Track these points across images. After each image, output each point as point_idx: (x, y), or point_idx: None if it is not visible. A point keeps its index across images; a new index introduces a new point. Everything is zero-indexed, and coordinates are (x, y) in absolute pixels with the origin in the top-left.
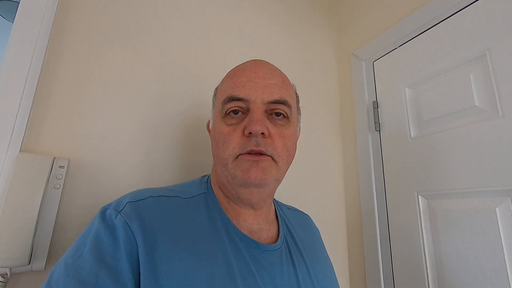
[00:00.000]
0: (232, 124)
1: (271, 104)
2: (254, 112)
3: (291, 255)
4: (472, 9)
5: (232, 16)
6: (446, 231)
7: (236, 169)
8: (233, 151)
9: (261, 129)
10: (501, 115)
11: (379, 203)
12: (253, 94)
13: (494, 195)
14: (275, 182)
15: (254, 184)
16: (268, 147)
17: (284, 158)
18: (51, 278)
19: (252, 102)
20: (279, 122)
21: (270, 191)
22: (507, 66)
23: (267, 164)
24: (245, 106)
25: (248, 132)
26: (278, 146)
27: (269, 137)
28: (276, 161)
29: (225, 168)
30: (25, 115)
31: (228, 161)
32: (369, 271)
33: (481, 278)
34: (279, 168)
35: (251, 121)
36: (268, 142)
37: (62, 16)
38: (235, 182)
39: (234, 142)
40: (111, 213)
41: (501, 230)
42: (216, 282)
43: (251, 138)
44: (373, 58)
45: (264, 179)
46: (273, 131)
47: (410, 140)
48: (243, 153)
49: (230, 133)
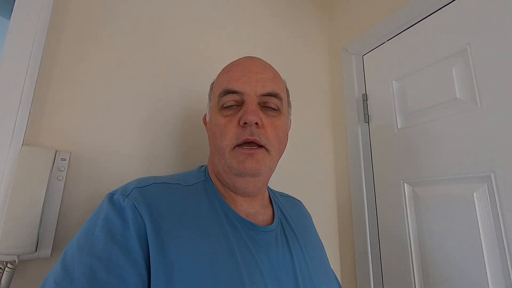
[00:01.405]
0: (228, 115)
1: (263, 96)
2: (249, 103)
3: (285, 236)
4: (454, 6)
5: (227, 13)
6: (429, 215)
7: (232, 160)
8: (230, 141)
9: (255, 119)
10: (479, 107)
11: (368, 190)
12: (247, 87)
13: (472, 181)
14: (269, 171)
15: (249, 173)
16: (262, 136)
17: (276, 147)
18: (65, 257)
19: (247, 94)
20: (271, 113)
21: (264, 180)
22: (486, 61)
23: (261, 156)
24: (240, 98)
25: (243, 122)
26: (270, 136)
27: (262, 127)
28: (269, 150)
29: (222, 158)
30: (26, 109)
31: (226, 151)
32: (358, 252)
33: (459, 257)
34: (271, 157)
35: (246, 112)
36: (261, 131)
37: (60, 10)
38: (231, 171)
39: (231, 132)
40: (119, 197)
41: (477, 213)
42: (218, 257)
43: (246, 128)
44: (362, 52)
45: (259, 168)
46: (266, 121)
47: (397, 131)
48: (240, 144)
49: (226, 124)
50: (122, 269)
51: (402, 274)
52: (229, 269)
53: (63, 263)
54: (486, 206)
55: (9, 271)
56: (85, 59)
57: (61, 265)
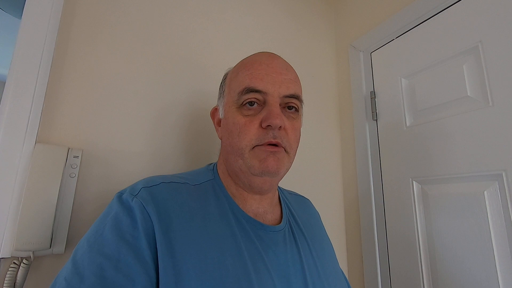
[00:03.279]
0: (249, 115)
1: (286, 98)
2: (273, 105)
3: (293, 235)
4: (465, 3)
5: (233, 8)
6: (438, 214)
7: (253, 159)
8: (250, 142)
9: (280, 123)
10: (491, 105)
11: (376, 189)
12: (271, 87)
13: (483, 179)
14: (285, 172)
15: (270, 173)
16: (283, 139)
17: (294, 149)
18: (76, 255)
19: (270, 95)
20: (291, 115)
21: (279, 179)
22: (498, 58)
23: (281, 155)
24: (262, 98)
25: (266, 125)
26: (291, 138)
27: (283, 129)
28: (288, 152)
29: (241, 158)
30: (38, 108)
31: (245, 151)
32: (366, 252)
33: (469, 257)
34: (290, 159)
35: (271, 115)
36: (283, 134)
37: (70, 9)
38: (250, 171)
39: (252, 133)
40: (128, 197)
41: (488, 212)
42: (226, 258)
43: (269, 131)
44: (370, 49)
45: (279, 168)
46: (287, 124)
47: (406, 128)
48: (261, 144)
49: (246, 124)
50: (131, 269)
51: (410, 274)
52: (237, 269)
53: (73, 261)
54: (497, 205)
55: (25, 267)
56: (96, 58)
57: (71, 263)
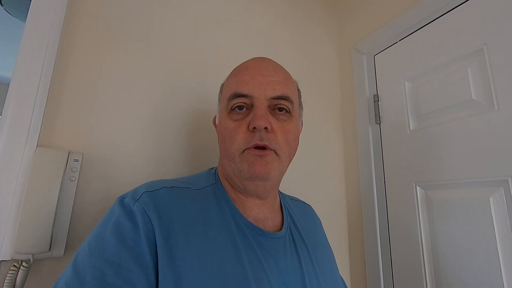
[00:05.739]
0: (238, 119)
1: (273, 100)
2: (258, 107)
3: (294, 243)
4: (470, 5)
5: (235, 13)
6: (442, 220)
7: (243, 163)
8: (239, 146)
9: (264, 124)
10: (496, 109)
11: (379, 193)
12: (257, 90)
13: (488, 185)
14: (279, 175)
15: (258, 177)
16: (271, 141)
17: (285, 152)
18: (76, 259)
19: (256, 98)
20: (281, 117)
21: (274, 183)
22: (504, 61)
23: (270, 159)
24: (249, 102)
25: (252, 127)
26: (280, 140)
27: (272, 131)
28: (279, 155)
29: (232, 162)
30: (40, 112)
31: (235, 155)
32: (368, 256)
33: (474, 264)
34: (281, 162)
35: (255, 117)
36: (271, 136)
37: (74, 12)
38: (242, 175)
39: (240, 137)
40: (129, 201)
41: (494, 218)
42: (226, 264)
43: (255, 133)
44: (374, 52)
45: (268, 172)
46: (276, 126)
47: (409, 132)
48: (249, 148)
49: (235, 128)
50: (132, 274)
51: (414, 279)
52: (237, 276)
53: (74, 265)
54: (503, 211)
55: (24, 270)
56: (98, 62)
57: (72, 268)
